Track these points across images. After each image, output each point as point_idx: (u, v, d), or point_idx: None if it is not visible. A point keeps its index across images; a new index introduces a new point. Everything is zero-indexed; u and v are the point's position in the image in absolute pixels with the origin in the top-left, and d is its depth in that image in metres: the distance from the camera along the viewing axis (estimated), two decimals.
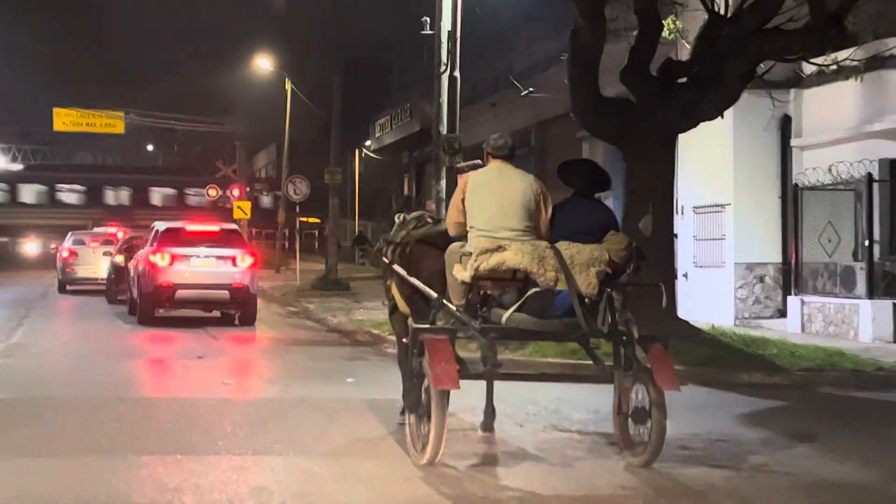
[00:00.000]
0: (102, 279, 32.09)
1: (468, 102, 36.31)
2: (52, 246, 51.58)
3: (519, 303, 8.61)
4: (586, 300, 8.65)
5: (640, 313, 16.23)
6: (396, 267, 10.01)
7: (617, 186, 28.19)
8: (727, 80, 15.83)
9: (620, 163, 28.06)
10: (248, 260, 23.39)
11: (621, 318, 8.96)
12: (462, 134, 39.63)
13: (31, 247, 68.10)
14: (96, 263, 33.81)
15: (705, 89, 15.95)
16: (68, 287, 34.98)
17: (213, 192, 60.55)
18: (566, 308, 8.65)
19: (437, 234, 9.82)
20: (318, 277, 35.20)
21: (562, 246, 8.79)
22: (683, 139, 24.26)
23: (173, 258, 22.80)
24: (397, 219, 10.77)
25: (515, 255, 8.59)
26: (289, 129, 51.08)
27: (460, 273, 8.68)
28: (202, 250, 23.17)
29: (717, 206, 23.12)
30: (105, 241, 35.16)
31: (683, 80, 16.47)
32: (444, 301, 9.10)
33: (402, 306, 10.21)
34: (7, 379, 14.07)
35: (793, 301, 21.13)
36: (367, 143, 51.08)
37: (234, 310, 23.66)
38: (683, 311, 23.33)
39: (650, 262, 16.54)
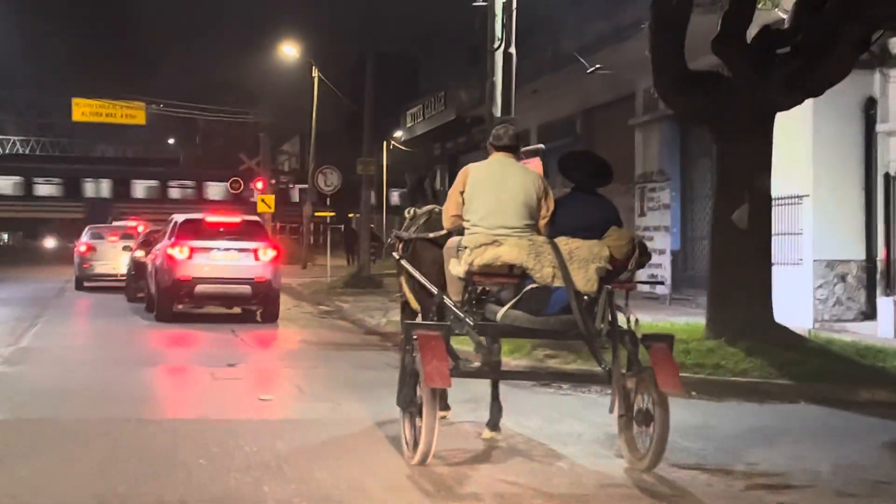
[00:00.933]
0: (122, 275, 30.33)
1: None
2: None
3: (515, 299, 8.30)
4: (585, 297, 8.30)
5: (736, 320, 14.41)
6: (404, 262, 9.84)
7: (675, 177, 26.37)
8: (839, 49, 13.72)
9: (677, 154, 26.36)
10: (271, 253, 22.12)
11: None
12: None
13: (50, 241, 66.64)
14: (115, 259, 32.02)
15: (812, 60, 13.86)
16: (86, 284, 33.18)
17: (236, 186, 58.99)
18: (563, 305, 8.31)
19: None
20: (349, 274, 33.31)
21: (561, 242, 8.42)
22: None
23: (192, 251, 21.62)
24: (407, 213, 10.54)
25: (511, 250, 8.27)
26: (310, 120, 49.75)
27: (455, 268, 8.45)
28: (223, 243, 21.97)
29: (794, 197, 21.01)
30: (125, 234, 33.35)
31: (785, 50, 14.38)
32: (445, 297, 8.90)
33: (413, 302, 10.00)
34: (9, 393, 12.06)
35: (884, 303, 19.01)
36: (396, 134, 49.12)
37: (255, 306, 22.50)
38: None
39: (746, 258, 14.81)
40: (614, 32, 26.06)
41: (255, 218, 25.62)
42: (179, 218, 23.34)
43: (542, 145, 16.55)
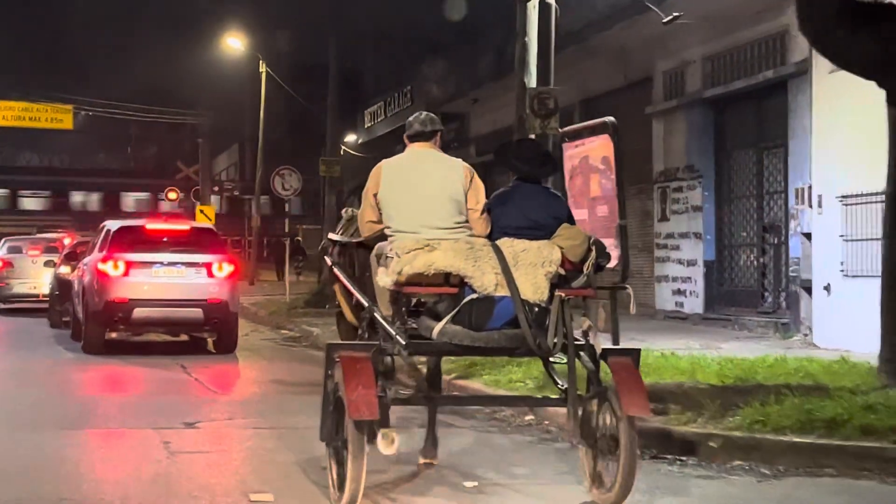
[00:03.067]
0: (44, 295, 25.91)
1: (491, 78, 30.29)
2: None
3: (452, 313, 7.18)
4: (535, 308, 7.24)
5: None
6: (337, 270, 8.65)
7: (707, 174, 22.16)
8: None
9: (711, 146, 22.09)
10: (228, 268, 18.03)
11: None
12: (484, 117, 33.63)
13: None
14: (37, 276, 27.46)
15: None
16: (2, 306, 28.58)
17: (172, 195, 54.75)
18: (509, 318, 7.22)
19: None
20: (310, 292, 28.92)
21: (504, 244, 7.39)
22: (818, 105, 18.28)
23: (129, 266, 17.49)
24: (344, 213, 9.35)
25: (446, 256, 7.16)
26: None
27: (382, 278, 7.28)
28: (167, 256, 17.85)
29: (876, 194, 16.91)
30: (48, 248, 28.78)
31: None
32: (375, 310, 7.66)
33: (349, 316, 8.75)
34: None
35: None
36: (348, 139, 44.64)
37: (209, 333, 18.48)
38: (825, 336, 17.41)
39: None
40: (632, 2, 21.94)
41: (208, 225, 21.33)
42: (113, 225, 19.04)
43: (611, 118, 12.34)
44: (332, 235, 9.14)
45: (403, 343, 7.25)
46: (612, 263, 12.79)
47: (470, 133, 34.29)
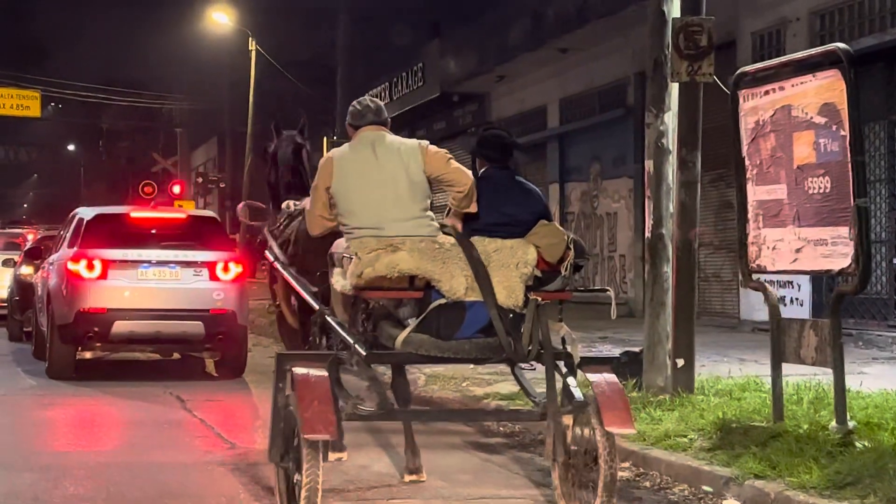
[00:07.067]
0: (2, 301, 21.90)
1: (523, 49, 26.44)
2: None
3: (418, 320, 6.71)
4: (509, 314, 6.79)
5: None
6: (280, 266, 8.39)
7: None
8: None
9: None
10: (235, 269, 14.39)
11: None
12: (510, 97, 29.72)
13: None
14: None
15: None
16: None
17: (148, 189, 51.00)
18: (481, 325, 6.82)
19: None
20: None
21: (475, 243, 6.83)
22: None
23: (107, 266, 13.92)
24: (285, 207, 8.93)
25: (411, 256, 6.66)
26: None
27: (339, 281, 6.90)
28: (157, 253, 14.26)
29: None
30: (8, 244, 24.92)
31: None
32: (327, 315, 7.31)
33: (291, 319, 8.72)
34: None
35: None
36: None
37: (210, 352, 14.76)
38: None
39: None
40: None
41: (209, 213, 17.49)
42: (86, 213, 15.29)
43: (842, 45, 8.42)
44: (271, 228, 8.69)
45: (364, 353, 6.74)
46: (844, 265, 8.84)
47: (491, 116, 30.45)
